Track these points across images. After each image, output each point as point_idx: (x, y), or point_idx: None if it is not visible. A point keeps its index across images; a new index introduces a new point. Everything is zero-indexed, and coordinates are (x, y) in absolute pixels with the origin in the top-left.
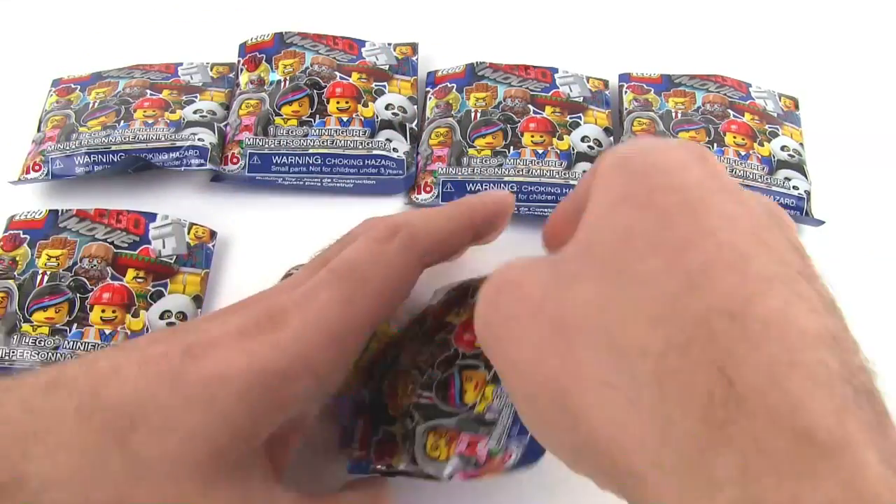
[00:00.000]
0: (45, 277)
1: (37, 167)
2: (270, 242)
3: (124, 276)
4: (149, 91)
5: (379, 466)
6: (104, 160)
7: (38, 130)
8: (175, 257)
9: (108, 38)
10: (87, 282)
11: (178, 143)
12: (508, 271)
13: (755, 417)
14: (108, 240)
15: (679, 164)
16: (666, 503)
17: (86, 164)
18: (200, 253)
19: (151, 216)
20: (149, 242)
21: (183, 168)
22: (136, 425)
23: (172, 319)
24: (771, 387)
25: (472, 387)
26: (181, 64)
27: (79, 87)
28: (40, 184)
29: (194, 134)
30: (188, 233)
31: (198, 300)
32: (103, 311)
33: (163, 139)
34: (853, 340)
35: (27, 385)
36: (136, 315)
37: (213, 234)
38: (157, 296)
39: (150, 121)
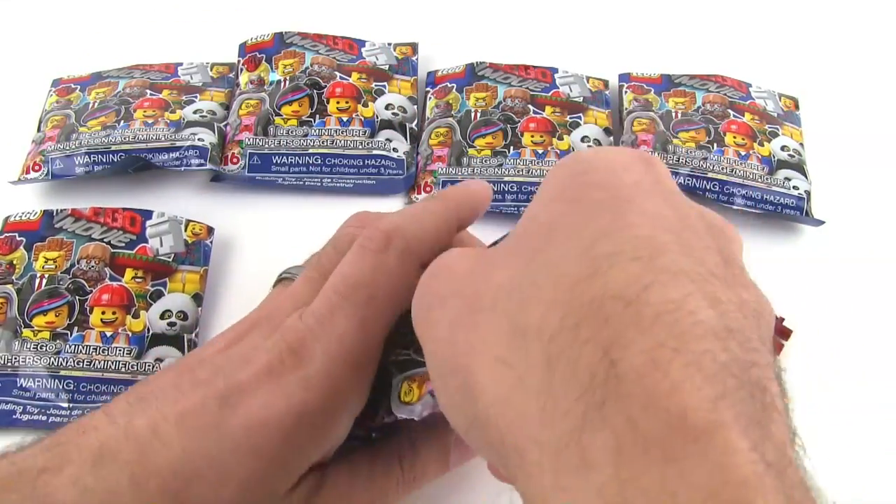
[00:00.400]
0: (44, 281)
1: (37, 167)
2: (270, 242)
3: (123, 276)
4: (149, 91)
5: (360, 431)
6: (104, 160)
7: (38, 130)
8: (173, 255)
9: (108, 38)
10: (85, 283)
11: (178, 143)
12: (446, 257)
13: (631, 398)
14: (105, 239)
15: (620, 166)
16: (543, 481)
17: (86, 164)
18: (198, 250)
19: (147, 213)
20: (146, 241)
21: (183, 168)
22: (191, 484)
23: (173, 319)
24: (651, 369)
25: None
26: (181, 64)
27: (79, 87)
28: (40, 184)
29: (194, 134)
30: (185, 230)
31: (198, 298)
32: (103, 312)
33: (163, 139)
34: (760, 342)
35: (73, 464)
36: (136, 316)
37: (210, 231)
38: (157, 295)
39: (150, 121)
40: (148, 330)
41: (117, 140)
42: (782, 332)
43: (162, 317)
